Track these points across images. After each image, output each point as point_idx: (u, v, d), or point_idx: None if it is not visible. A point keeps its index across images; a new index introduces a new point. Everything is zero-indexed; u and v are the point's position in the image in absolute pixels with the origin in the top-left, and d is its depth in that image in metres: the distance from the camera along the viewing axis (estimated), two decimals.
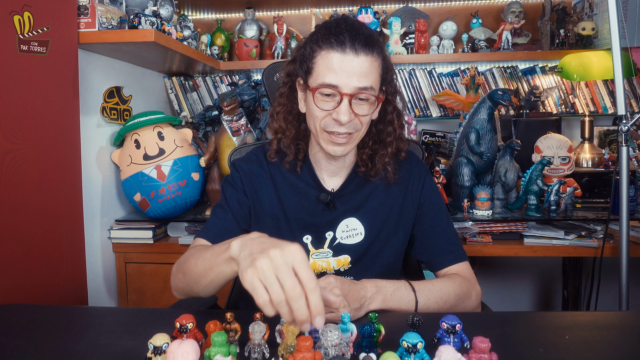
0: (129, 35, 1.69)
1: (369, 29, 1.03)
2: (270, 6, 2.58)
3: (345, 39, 0.98)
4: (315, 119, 1.04)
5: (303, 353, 0.70)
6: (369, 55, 1.00)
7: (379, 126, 1.13)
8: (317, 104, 1.02)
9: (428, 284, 1.05)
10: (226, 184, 1.18)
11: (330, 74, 0.99)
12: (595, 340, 0.86)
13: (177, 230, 2.00)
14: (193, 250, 0.99)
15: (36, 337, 0.91)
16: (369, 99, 1.02)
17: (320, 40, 1.01)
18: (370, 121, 1.08)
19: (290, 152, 1.14)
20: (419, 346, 0.70)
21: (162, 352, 0.71)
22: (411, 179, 1.17)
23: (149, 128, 1.87)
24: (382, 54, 1.03)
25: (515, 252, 1.82)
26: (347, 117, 1.00)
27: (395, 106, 1.13)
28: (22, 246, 1.39)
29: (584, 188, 2.01)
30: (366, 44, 0.99)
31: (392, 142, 1.12)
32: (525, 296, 2.64)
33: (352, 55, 0.98)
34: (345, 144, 1.05)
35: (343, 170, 1.16)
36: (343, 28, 1.00)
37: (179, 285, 1.02)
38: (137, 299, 1.94)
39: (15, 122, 1.37)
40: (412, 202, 1.17)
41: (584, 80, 2.26)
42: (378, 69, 1.02)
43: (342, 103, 0.99)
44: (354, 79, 0.99)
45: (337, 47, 0.98)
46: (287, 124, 1.13)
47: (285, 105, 1.13)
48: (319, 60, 1.01)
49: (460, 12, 2.51)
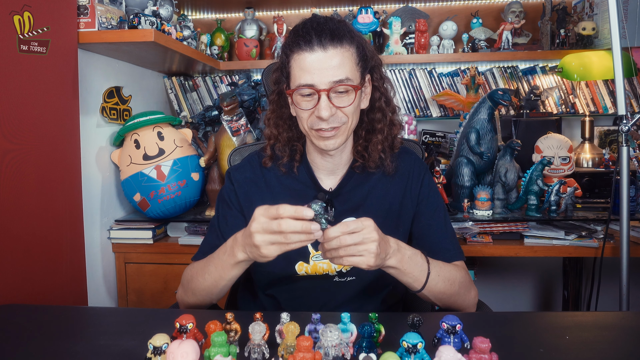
0: (128, 35, 1.69)
1: (337, 22, 1.04)
2: (270, 6, 2.58)
3: (312, 37, 1.00)
4: (302, 120, 1.06)
5: (303, 353, 0.70)
6: (338, 47, 1.01)
7: (370, 115, 1.14)
8: (299, 105, 1.05)
9: (440, 262, 1.06)
10: (220, 200, 1.20)
11: (304, 75, 1.01)
12: (596, 341, 0.86)
13: (177, 231, 1.99)
14: (194, 271, 1.10)
15: (36, 338, 0.90)
16: (347, 90, 1.03)
17: (290, 45, 1.03)
18: (357, 112, 1.09)
19: (284, 155, 1.15)
20: (419, 346, 0.70)
21: (161, 353, 0.71)
22: (410, 177, 1.18)
23: (148, 128, 1.87)
24: (354, 43, 1.04)
25: (516, 253, 1.82)
26: (328, 112, 1.01)
27: (383, 92, 1.13)
28: (21, 246, 1.39)
29: (585, 188, 2.01)
30: (333, 37, 1.00)
31: (383, 128, 1.13)
32: (525, 296, 2.63)
33: (321, 51, 1.00)
34: (334, 137, 1.05)
35: (340, 169, 1.16)
36: (309, 27, 1.01)
37: (190, 302, 1.12)
38: (137, 299, 1.94)
39: (15, 122, 1.37)
40: (411, 200, 1.17)
41: (584, 80, 2.26)
42: (351, 59, 1.03)
43: (320, 99, 1.01)
44: (328, 74, 1.00)
45: (306, 47, 1.00)
46: (278, 129, 1.16)
47: (275, 111, 1.16)
48: (293, 64, 1.03)
49: (461, 12, 2.51)
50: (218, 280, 1.04)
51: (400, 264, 0.97)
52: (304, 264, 1.11)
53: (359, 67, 1.05)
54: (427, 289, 1.02)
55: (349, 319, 0.81)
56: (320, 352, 0.72)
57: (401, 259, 0.97)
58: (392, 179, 1.17)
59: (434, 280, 1.02)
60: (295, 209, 0.85)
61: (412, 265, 1.00)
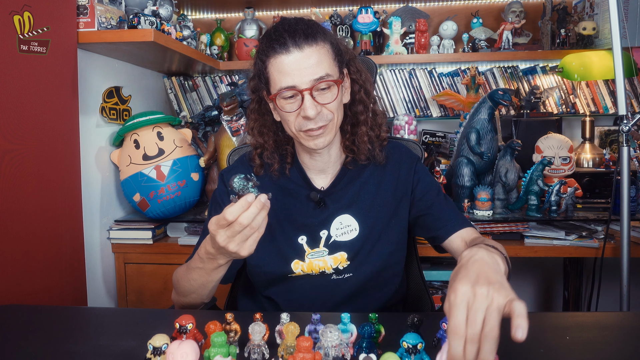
0: (128, 35, 1.69)
1: (307, 22, 1.04)
2: (270, 6, 2.58)
3: (286, 39, 1.00)
4: (289, 123, 1.06)
5: (303, 354, 0.70)
6: (313, 45, 1.01)
7: (352, 108, 1.14)
8: (283, 108, 1.04)
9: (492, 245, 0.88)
10: (213, 202, 1.20)
11: (284, 77, 1.01)
12: (596, 341, 0.86)
13: (176, 231, 1.99)
14: (179, 275, 1.10)
15: (35, 338, 0.90)
16: (329, 86, 1.03)
17: (265, 50, 1.03)
18: (341, 107, 1.09)
19: (274, 161, 1.15)
20: (419, 347, 0.70)
21: (161, 353, 0.71)
22: (401, 169, 1.18)
23: (148, 128, 1.87)
24: (328, 39, 1.05)
25: (516, 253, 1.82)
26: (314, 111, 1.01)
27: (361, 84, 1.14)
28: (21, 247, 1.39)
29: (585, 188, 2.01)
30: (307, 35, 1.00)
31: (367, 119, 1.14)
32: (525, 297, 2.63)
33: (297, 51, 1.00)
34: (322, 135, 1.05)
35: (331, 167, 1.16)
36: (281, 30, 1.01)
37: (183, 303, 1.12)
38: (137, 299, 1.94)
39: (15, 122, 1.37)
40: (404, 190, 1.17)
41: (584, 80, 2.26)
42: (328, 55, 1.03)
43: (304, 99, 1.01)
44: (307, 73, 1.00)
45: (281, 49, 1.00)
46: (263, 137, 1.15)
47: (258, 120, 1.15)
48: (271, 69, 1.03)
49: (461, 11, 2.51)
50: (205, 284, 1.05)
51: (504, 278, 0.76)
52: (300, 262, 1.11)
53: (336, 62, 1.05)
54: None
55: (349, 319, 0.81)
56: (320, 353, 0.72)
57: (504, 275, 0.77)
58: (383, 169, 1.17)
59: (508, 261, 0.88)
60: (238, 204, 0.85)
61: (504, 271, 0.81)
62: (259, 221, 0.87)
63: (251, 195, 0.86)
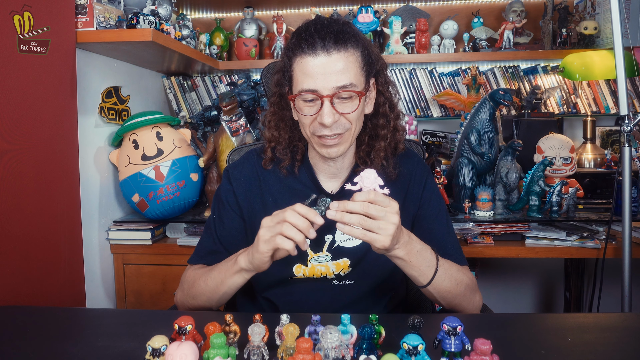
0: (127, 35, 1.68)
1: (341, 25, 1.01)
2: (270, 5, 2.58)
3: (315, 40, 0.97)
4: (304, 126, 1.04)
5: (303, 355, 0.69)
6: (342, 51, 0.98)
7: (373, 120, 1.12)
8: (301, 110, 1.02)
9: (449, 262, 1.05)
10: (216, 200, 1.19)
11: (307, 79, 0.98)
12: (598, 343, 0.85)
13: (175, 232, 1.99)
14: (197, 274, 1.10)
15: (34, 339, 0.90)
16: (351, 96, 1.00)
17: (293, 48, 1.01)
18: (361, 117, 1.06)
19: (286, 158, 1.13)
20: (419, 348, 0.69)
21: (160, 354, 0.70)
22: (412, 180, 1.16)
23: (147, 128, 1.86)
24: (359, 46, 1.01)
25: (517, 254, 1.81)
26: (331, 119, 0.98)
27: (387, 97, 1.11)
28: (19, 247, 1.38)
29: (586, 189, 2.00)
30: (337, 40, 0.97)
31: (387, 134, 1.11)
32: (526, 298, 2.63)
33: (325, 55, 0.97)
34: (337, 145, 1.03)
35: (342, 172, 1.14)
36: (312, 30, 0.98)
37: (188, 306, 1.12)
38: (136, 300, 1.93)
39: (13, 122, 1.37)
40: (412, 203, 1.15)
41: (586, 80, 2.25)
42: (356, 63, 1.00)
43: (323, 106, 0.98)
44: (331, 79, 0.97)
45: (309, 50, 0.97)
46: (279, 131, 1.13)
47: (277, 114, 1.13)
48: (295, 68, 1.01)
49: (462, 11, 2.50)
50: (219, 285, 1.04)
51: (408, 256, 0.96)
52: (302, 266, 1.10)
53: (363, 71, 1.02)
54: (432, 285, 1.00)
55: (349, 320, 0.80)
56: (320, 354, 0.72)
57: (409, 251, 0.96)
58: (393, 181, 1.15)
59: (441, 278, 1.01)
60: (308, 210, 0.91)
61: (420, 259, 0.98)
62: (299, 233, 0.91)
63: (318, 215, 0.93)
